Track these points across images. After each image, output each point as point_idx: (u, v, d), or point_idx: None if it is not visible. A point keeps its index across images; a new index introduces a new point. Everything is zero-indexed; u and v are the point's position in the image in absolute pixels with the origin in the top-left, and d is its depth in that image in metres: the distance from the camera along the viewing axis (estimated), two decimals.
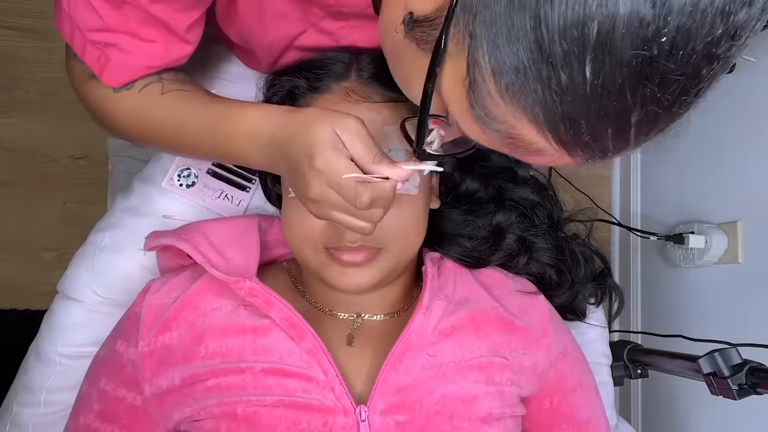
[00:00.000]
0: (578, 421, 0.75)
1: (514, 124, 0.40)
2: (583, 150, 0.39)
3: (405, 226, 0.64)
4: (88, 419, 0.67)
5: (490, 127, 0.41)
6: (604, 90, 0.35)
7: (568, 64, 0.34)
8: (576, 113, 0.36)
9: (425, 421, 0.62)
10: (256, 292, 0.65)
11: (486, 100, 0.40)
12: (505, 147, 0.43)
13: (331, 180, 0.53)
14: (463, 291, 0.72)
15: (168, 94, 0.64)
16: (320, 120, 0.55)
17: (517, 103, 0.38)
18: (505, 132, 0.41)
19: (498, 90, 0.38)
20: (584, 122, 0.37)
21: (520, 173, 0.83)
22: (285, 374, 0.62)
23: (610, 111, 0.36)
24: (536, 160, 0.44)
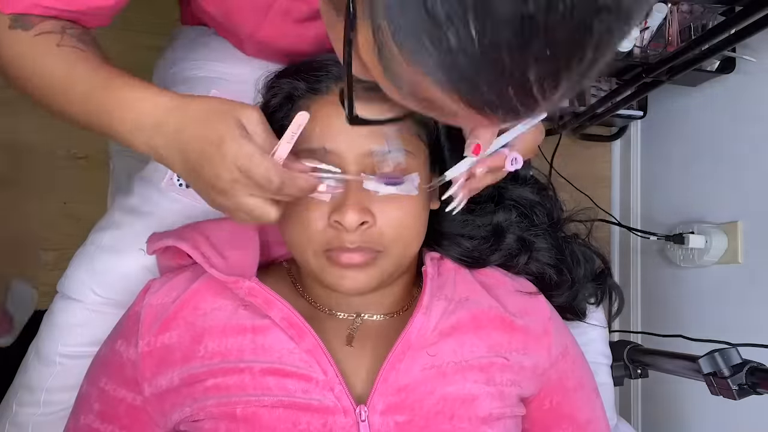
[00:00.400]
0: (579, 421, 0.74)
1: (423, 87, 0.40)
2: (492, 109, 0.39)
3: (404, 228, 0.64)
4: (88, 419, 0.67)
5: (404, 90, 0.42)
6: (493, 47, 0.35)
7: (453, 23, 0.34)
8: (472, 72, 0.36)
9: (425, 421, 0.62)
10: (255, 292, 0.65)
11: (393, 64, 0.40)
12: (425, 110, 0.44)
13: (242, 165, 0.53)
14: (463, 291, 0.72)
15: (63, 49, 0.60)
16: (224, 109, 0.55)
17: (417, 65, 0.38)
18: (419, 95, 0.41)
19: (400, 53, 0.38)
20: (482, 82, 0.37)
21: (520, 173, 0.83)
22: (284, 374, 0.62)
23: (504, 68, 0.36)
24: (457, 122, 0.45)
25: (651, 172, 1.66)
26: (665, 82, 1.28)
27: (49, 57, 0.60)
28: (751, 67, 1.30)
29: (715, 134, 1.42)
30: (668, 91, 1.52)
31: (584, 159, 1.81)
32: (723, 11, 1.24)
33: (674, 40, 1.28)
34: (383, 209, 0.62)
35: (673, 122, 1.58)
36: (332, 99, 0.65)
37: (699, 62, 1.19)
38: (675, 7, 1.26)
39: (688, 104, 1.51)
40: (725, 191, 1.36)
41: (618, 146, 1.81)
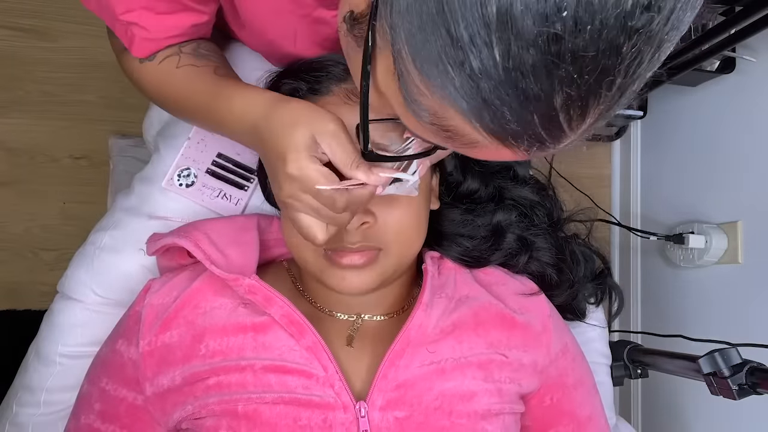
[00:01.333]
0: (579, 418, 0.75)
1: (444, 115, 0.39)
2: (515, 139, 0.38)
3: (405, 228, 0.64)
4: (89, 419, 0.67)
5: (425, 120, 0.41)
6: (517, 72, 0.34)
7: (476, 46, 0.33)
8: (496, 99, 0.35)
9: (424, 417, 0.62)
10: (255, 290, 0.65)
11: (414, 92, 0.39)
12: (446, 141, 0.43)
13: (305, 187, 0.54)
14: (464, 289, 0.72)
15: (181, 69, 0.68)
16: (300, 122, 0.55)
17: (440, 92, 0.37)
18: (440, 125, 0.40)
19: (422, 80, 0.37)
20: (506, 108, 0.36)
21: (520, 173, 0.83)
22: (285, 371, 0.62)
23: (529, 94, 0.35)
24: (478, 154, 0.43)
25: (651, 172, 1.66)
26: (665, 82, 1.28)
27: (173, 79, 0.68)
28: (751, 67, 1.29)
29: (715, 134, 1.42)
30: (668, 91, 1.52)
31: (584, 159, 1.81)
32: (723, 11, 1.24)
33: None
34: (384, 209, 0.62)
35: (673, 122, 1.58)
36: (332, 100, 0.65)
37: (699, 62, 1.19)
38: None
39: (688, 104, 1.51)
40: (725, 191, 1.36)
41: (618, 146, 1.81)
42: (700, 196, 1.44)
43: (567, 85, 0.34)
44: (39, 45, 1.54)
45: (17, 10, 1.53)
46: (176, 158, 0.83)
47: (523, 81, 0.34)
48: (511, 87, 0.34)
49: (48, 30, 1.54)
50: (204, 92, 0.67)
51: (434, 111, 0.39)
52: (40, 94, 1.53)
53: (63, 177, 1.53)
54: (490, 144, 0.39)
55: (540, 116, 0.36)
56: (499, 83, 0.34)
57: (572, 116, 0.36)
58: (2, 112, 1.51)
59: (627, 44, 0.33)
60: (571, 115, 0.36)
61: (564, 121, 0.36)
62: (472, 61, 0.34)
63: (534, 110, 0.35)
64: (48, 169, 1.53)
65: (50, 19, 1.54)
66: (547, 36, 0.32)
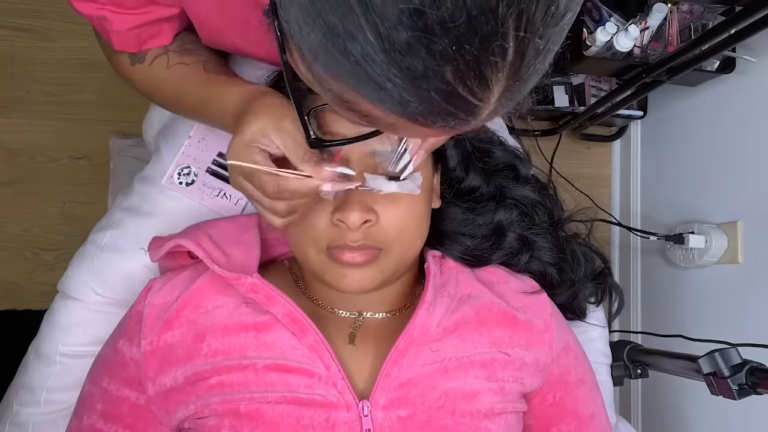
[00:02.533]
0: (582, 416, 0.75)
1: (354, 101, 0.38)
2: (424, 117, 0.37)
3: (407, 227, 0.64)
4: (92, 419, 0.66)
5: (343, 107, 0.40)
6: (396, 53, 0.33)
7: (349, 32, 0.33)
8: (387, 82, 0.34)
9: (427, 416, 0.62)
10: (257, 288, 0.65)
11: (323, 81, 0.38)
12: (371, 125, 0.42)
13: (242, 171, 0.59)
14: (465, 288, 0.72)
15: (172, 69, 0.70)
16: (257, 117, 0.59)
17: (340, 80, 0.36)
18: (357, 111, 0.40)
19: (322, 69, 0.37)
20: (401, 90, 0.34)
21: (522, 172, 0.83)
22: (287, 370, 0.62)
23: (417, 73, 0.33)
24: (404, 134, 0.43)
25: (651, 172, 1.66)
26: (665, 82, 1.28)
27: (165, 80, 0.71)
28: (751, 68, 1.30)
29: (715, 134, 1.42)
30: (668, 91, 1.52)
31: (584, 159, 1.81)
32: (723, 11, 1.24)
33: (674, 40, 1.29)
34: (386, 208, 0.62)
35: (673, 122, 1.58)
36: None
37: (699, 62, 1.19)
38: (675, 7, 1.26)
39: (688, 104, 1.51)
40: (725, 191, 1.36)
41: (618, 146, 1.81)
42: (700, 196, 1.44)
43: (450, 58, 0.33)
44: (39, 45, 1.54)
45: (17, 10, 1.53)
46: (177, 156, 0.83)
47: (405, 60, 0.33)
48: (396, 68, 0.33)
49: (48, 30, 1.54)
50: (196, 92, 0.69)
51: (345, 98, 0.39)
52: (40, 94, 1.53)
53: (63, 177, 1.53)
54: (406, 124, 0.38)
55: (437, 92, 0.34)
56: (384, 66, 0.33)
57: (472, 87, 0.34)
58: (2, 112, 1.51)
59: (501, 5, 0.31)
60: (469, 86, 0.34)
61: (466, 93, 0.35)
62: (352, 47, 0.33)
63: (429, 88, 0.34)
64: (48, 169, 1.53)
65: (50, 19, 1.54)
66: (409, 12, 0.31)
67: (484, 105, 0.36)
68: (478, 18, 0.31)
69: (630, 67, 1.30)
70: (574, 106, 1.59)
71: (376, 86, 0.35)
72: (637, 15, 1.26)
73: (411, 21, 0.31)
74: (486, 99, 0.36)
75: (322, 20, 0.33)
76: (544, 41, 0.34)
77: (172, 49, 0.71)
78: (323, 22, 0.33)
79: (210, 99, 0.68)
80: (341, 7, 0.32)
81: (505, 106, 0.38)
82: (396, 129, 0.41)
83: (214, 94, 0.67)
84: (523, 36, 0.33)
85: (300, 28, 0.36)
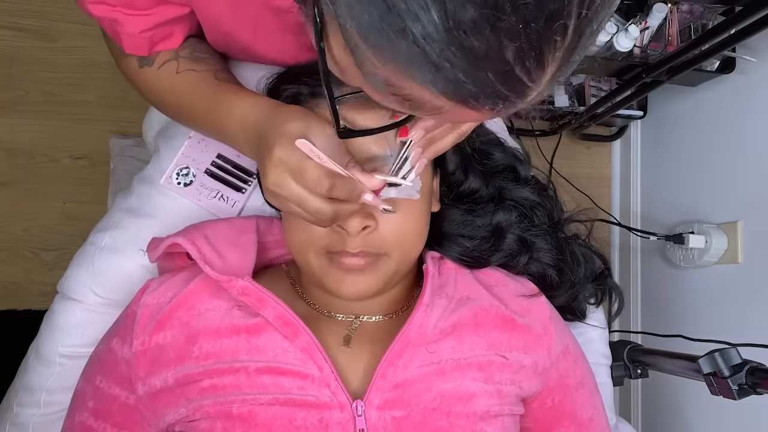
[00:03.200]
0: (581, 420, 0.74)
1: (401, 85, 0.38)
2: (476, 100, 0.36)
3: (406, 232, 0.64)
4: (83, 416, 0.66)
5: (385, 92, 0.40)
6: (459, 32, 0.32)
7: (412, 11, 0.32)
8: (445, 62, 0.34)
9: (422, 417, 0.62)
10: (248, 291, 0.65)
11: (368, 65, 0.38)
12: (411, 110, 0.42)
13: (291, 169, 0.55)
14: (464, 290, 0.72)
15: (181, 74, 0.69)
16: (296, 119, 0.57)
17: (390, 62, 0.36)
18: (400, 95, 0.39)
19: (371, 52, 0.36)
20: (458, 70, 0.34)
21: (521, 173, 0.82)
22: (280, 372, 0.62)
23: (478, 53, 0.33)
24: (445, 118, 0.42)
25: (651, 172, 1.66)
26: (665, 82, 1.28)
27: (173, 85, 0.70)
28: (751, 68, 1.30)
29: (715, 134, 1.42)
30: (668, 91, 1.52)
31: (584, 159, 1.81)
32: (723, 11, 1.24)
33: (674, 40, 1.29)
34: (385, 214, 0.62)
35: (673, 122, 1.58)
36: None
37: (699, 62, 1.19)
38: (675, 7, 1.26)
39: (688, 104, 1.51)
40: (725, 191, 1.36)
41: (618, 146, 1.81)
42: (700, 196, 1.44)
43: (514, 37, 0.33)
44: (39, 45, 1.54)
45: (17, 10, 1.53)
46: (176, 157, 0.83)
47: (468, 39, 0.33)
48: (458, 48, 0.33)
49: (48, 30, 1.54)
50: (205, 98, 0.67)
51: (391, 82, 0.38)
52: (40, 94, 1.53)
53: (63, 177, 1.53)
54: (454, 107, 0.38)
55: (495, 73, 0.34)
56: (444, 46, 0.33)
57: (529, 68, 0.35)
58: (2, 112, 1.51)
59: None
60: (527, 66, 0.34)
61: (522, 74, 0.35)
62: (413, 26, 0.33)
63: (487, 68, 0.34)
64: (48, 169, 1.53)
65: (50, 19, 1.54)
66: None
67: (535, 86, 0.36)
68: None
69: (630, 67, 1.30)
70: (574, 106, 1.59)
71: (432, 67, 0.35)
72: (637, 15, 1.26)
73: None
74: (539, 80, 0.36)
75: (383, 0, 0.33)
76: (597, 22, 0.35)
77: (182, 55, 0.70)
78: (383, 1, 0.33)
79: (220, 106, 0.66)
80: None
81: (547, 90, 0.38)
82: (441, 112, 0.40)
83: (225, 102, 0.66)
84: (585, 15, 0.33)
85: (351, 9, 0.35)
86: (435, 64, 0.34)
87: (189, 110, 0.70)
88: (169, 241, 0.70)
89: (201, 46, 0.73)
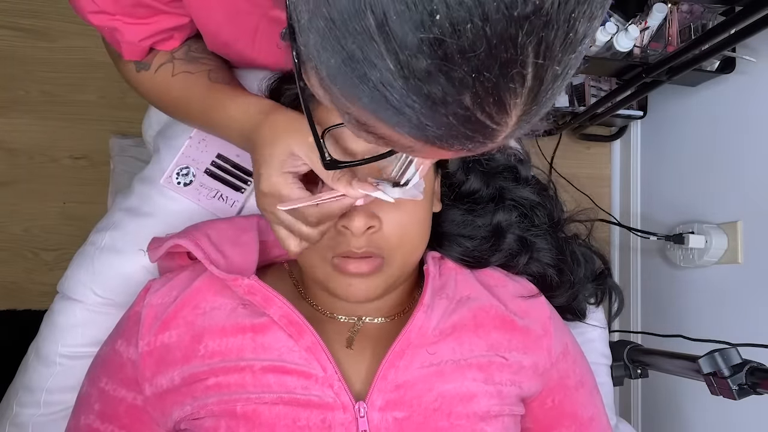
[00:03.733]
0: (581, 419, 0.75)
1: (372, 125, 0.38)
2: (443, 140, 0.36)
3: (409, 233, 0.64)
4: (89, 419, 0.66)
5: (360, 129, 0.40)
6: (415, 80, 0.33)
7: (368, 59, 0.33)
8: (406, 107, 0.34)
9: (423, 417, 0.62)
10: (254, 290, 0.65)
11: (341, 105, 0.38)
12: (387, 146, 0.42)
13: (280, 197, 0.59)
14: (465, 290, 0.72)
15: (176, 77, 0.71)
16: (280, 138, 0.60)
17: (359, 104, 0.36)
18: (374, 134, 0.40)
19: (340, 93, 0.37)
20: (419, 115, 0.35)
21: (522, 173, 0.83)
22: (284, 371, 0.62)
23: (435, 99, 0.33)
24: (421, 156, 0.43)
25: (651, 172, 1.66)
26: (665, 82, 1.28)
27: (169, 88, 0.72)
28: (750, 68, 1.30)
29: (715, 134, 1.42)
30: (668, 91, 1.52)
31: (584, 159, 1.81)
32: (723, 11, 1.24)
33: (674, 40, 1.29)
34: (389, 214, 0.62)
35: (673, 122, 1.58)
36: None
37: (699, 62, 1.19)
38: (675, 7, 1.26)
39: (688, 104, 1.51)
40: (725, 191, 1.36)
41: (618, 146, 1.81)
42: (700, 196, 1.44)
43: (468, 85, 0.33)
44: (39, 45, 1.54)
45: (17, 10, 1.53)
46: (176, 157, 0.83)
47: (425, 87, 0.33)
48: (416, 94, 0.33)
49: (48, 30, 1.54)
50: (199, 100, 0.70)
51: (363, 121, 0.39)
52: (40, 94, 1.53)
53: (63, 177, 1.53)
54: (424, 147, 0.38)
55: (456, 117, 0.34)
56: (403, 92, 0.33)
57: (490, 113, 0.34)
58: (2, 112, 1.51)
59: (521, 34, 0.31)
60: (488, 111, 0.34)
61: (484, 118, 0.35)
62: (371, 73, 0.33)
63: (447, 113, 0.34)
64: (48, 169, 1.53)
65: (50, 19, 1.54)
66: (429, 41, 0.31)
67: (501, 128, 0.36)
68: (498, 47, 0.31)
69: (630, 67, 1.30)
70: (574, 106, 1.59)
71: (395, 111, 0.35)
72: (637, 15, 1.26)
73: (431, 50, 0.31)
74: (504, 123, 0.36)
75: (341, 47, 0.33)
76: (562, 66, 0.34)
77: (177, 56, 0.71)
78: (342, 48, 0.33)
79: (214, 108, 0.68)
80: (361, 35, 0.32)
81: (522, 128, 0.38)
82: (413, 151, 0.41)
83: (219, 104, 0.68)
84: (542, 63, 0.33)
85: (318, 53, 0.36)
86: (397, 108, 0.35)
87: (185, 112, 0.73)
88: (171, 243, 0.70)
89: (197, 45, 0.73)
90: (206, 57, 0.73)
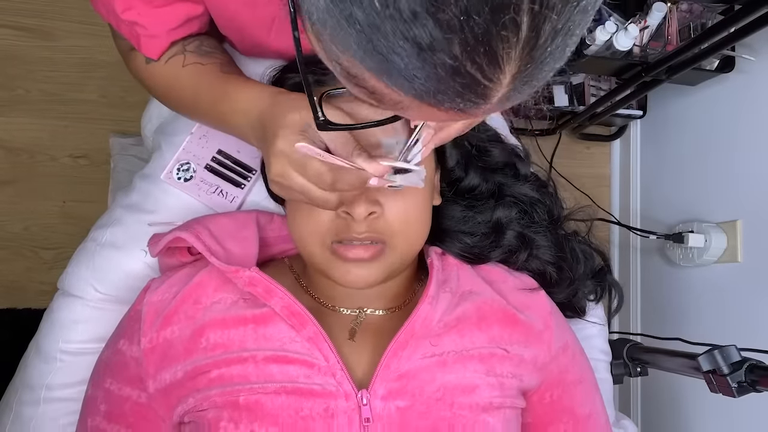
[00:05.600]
0: (579, 415, 0.75)
1: (361, 76, 0.36)
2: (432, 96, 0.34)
3: (410, 220, 0.65)
4: (96, 421, 0.67)
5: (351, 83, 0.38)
6: (401, 21, 0.30)
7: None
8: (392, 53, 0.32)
9: (425, 407, 0.62)
10: (255, 281, 0.65)
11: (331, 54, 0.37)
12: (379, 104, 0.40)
13: (293, 161, 0.56)
14: (467, 285, 0.73)
15: (187, 68, 0.70)
16: (299, 108, 0.58)
17: (348, 51, 0.34)
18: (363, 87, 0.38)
19: (331, 39, 0.35)
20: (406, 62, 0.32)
21: (521, 170, 0.83)
22: (287, 361, 0.62)
23: (422, 44, 0.31)
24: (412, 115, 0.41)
25: (651, 172, 1.67)
26: (665, 82, 1.28)
27: (179, 78, 0.70)
28: (750, 66, 1.30)
29: (715, 133, 1.42)
30: (668, 91, 1.52)
31: (584, 158, 1.81)
32: (722, 10, 1.24)
33: (674, 39, 1.29)
34: (390, 200, 0.63)
35: (672, 121, 1.58)
36: None
37: (698, 61, 1.19)
38: (674, 6, 1.26)
39: (688, 103, 1.51)
40: (725, 190, 1.36)
41: (618, 146, 1.81)
42: (700, 195, 1.45)
43: (456, 28, 0.30)
44: (40, 44, 1.54)
45: (18, 9, 1.53)
46: (177, 152, 0.83)
47: (412, 30, 0.31)
48: (401, 38, 0.31)
49: (49, 29, 1.54)
50: (210, 89, 0.68)
51: (353, 72, 0.37)
52: (41, 93, 1.53)
53: (63, 176, 1.53)
54: (413, 103, 0.36)
55: (444, 68, 0.32)
56: (388, 35, 0.31)
57: (481, 64, 0.32)
58: (2, 111, 1.51)
59: None
60: (478, 62, 0.32)
61: (474, 71, 0.32)
62: (357, 12, 0.31)
63: (435, 62, 0.32)
64: (48, 168, 1.53)
65: (51, 19, 1.55)
66: None
67: (494, 86, 0.34)
68: None
69: (629, 66, 1.30)
70: (573, 106, 1.59)
71: (381, 58, 0.33)
72: (637, 14, 1.26)
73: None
74: (496, 80, 0.33)
75: None
76: (562, 20, 0.32)
77: (189, 49, 0.71)
78: None
79: (226, 96, 0.67)
80: None
81: (520, 92, 0.35)
82: (404, 109, 0.39)
83: (232, 90, 0.67)
84: (538, 10, 0.30)
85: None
86: (383, 54, 0.33)
87: (194, 102, 0.71)
88: (172, 236, 0.70)
89: (208, 42, 0.73)
90: (217, 52, 0.73)
